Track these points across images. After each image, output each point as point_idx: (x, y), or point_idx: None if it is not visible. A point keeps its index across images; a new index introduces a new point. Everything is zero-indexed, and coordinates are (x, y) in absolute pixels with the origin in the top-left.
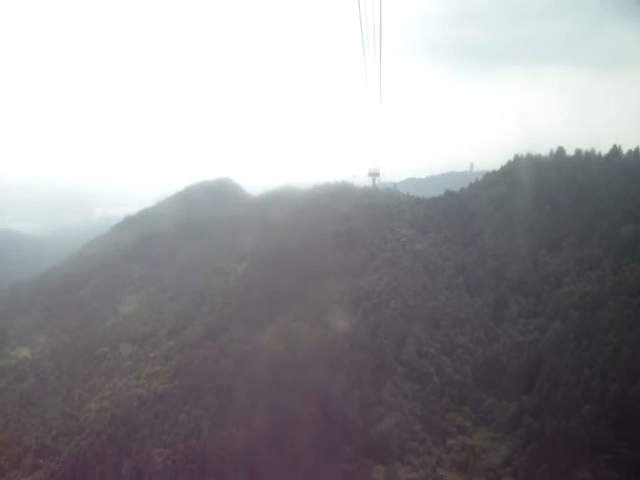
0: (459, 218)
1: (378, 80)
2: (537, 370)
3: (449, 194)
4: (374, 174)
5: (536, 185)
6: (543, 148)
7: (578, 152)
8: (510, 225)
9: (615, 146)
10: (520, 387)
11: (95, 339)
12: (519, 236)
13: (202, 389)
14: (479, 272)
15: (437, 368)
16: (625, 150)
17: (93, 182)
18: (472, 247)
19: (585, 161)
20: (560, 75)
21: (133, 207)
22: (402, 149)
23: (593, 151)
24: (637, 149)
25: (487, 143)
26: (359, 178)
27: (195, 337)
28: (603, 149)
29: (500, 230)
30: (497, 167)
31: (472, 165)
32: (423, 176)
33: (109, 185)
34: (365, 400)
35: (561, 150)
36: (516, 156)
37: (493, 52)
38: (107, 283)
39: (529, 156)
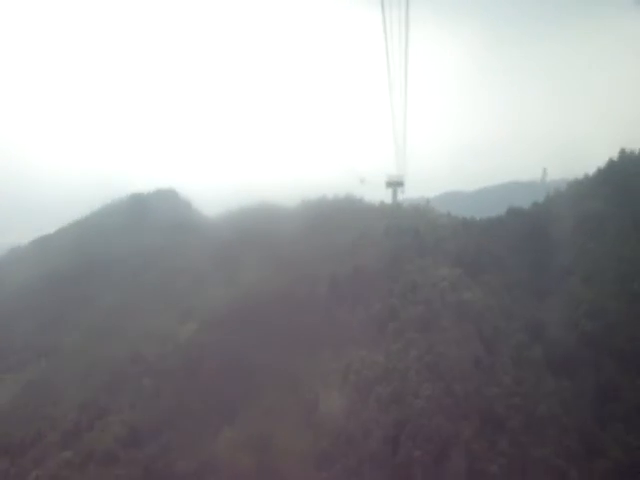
0: (531, 250)
1: (402, 43)
2: None
3: (514, 213)
4: (396, 184)
5: None
6: None
7: None
8: (614, 261)
9: None
10: None
11: None
12: (631, 279)
13: None
14: (567, 340)
15: None
16: None
17: None
18: (554, 298)
19: None
20: None
21: (26, 232)
22: (436, 149)
23: None
24: None
25: (564, 141)
26: (371, 187)
27: (106, 443)
28: None
29: (599, 269)
30: (581, 174)
31: (545, 172)
32: (470, 188)
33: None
34: None
35: None
36: (612, 160)
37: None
38: None
39: (634, 155)
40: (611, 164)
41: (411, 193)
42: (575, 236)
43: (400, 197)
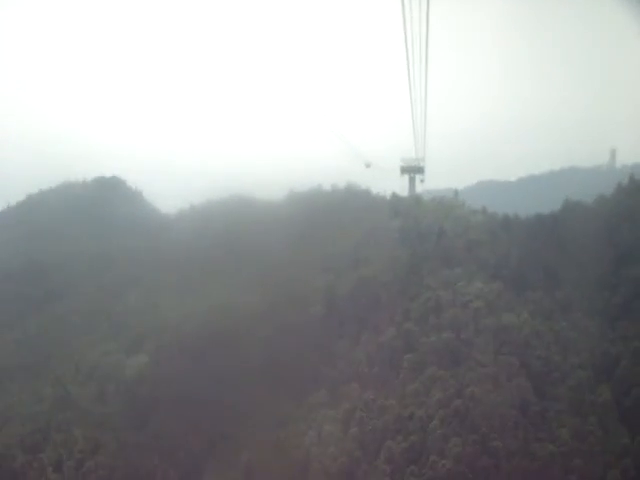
0: (596, 258)
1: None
2: None
3: (572, 208)
4: (413, 170)
5: None
6: None
7: None
8: None
9: None
10: None
11: None
12: None
13: None
14: None
15: None
16: None
17: None
18: (627, 323)
19: None
20: None
21: None
22: (465, 129)
23: None
24: None
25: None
26: (381, 174)
27: None
28: None
29: None
30: None
31: (614, 154)
32: (511, 176)
33: None
34: None
35: None
36: None
37: None
38: None
39: None
40: None
41: (434, 183)
42: None
43: (419, 188)
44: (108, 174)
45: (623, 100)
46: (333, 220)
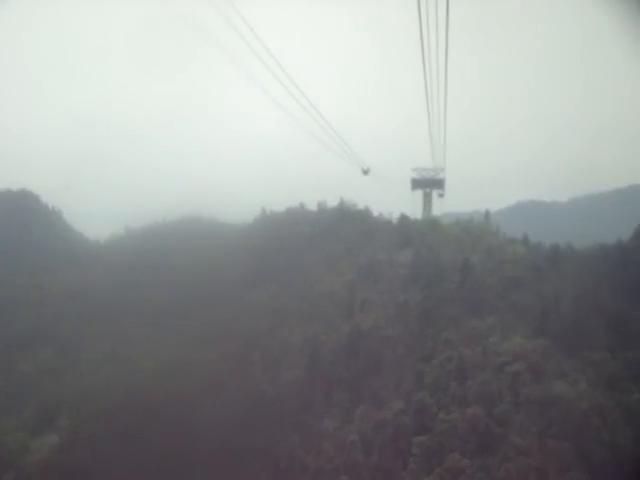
0: None
1: None
2: None
3: None
4: (428, 183)
5: None
6: None
7: None
8: None
9: None
10: None
11: None
12: None
13: None
14: None
15: None
16: None
17: None
18: None
19: None
20: None
21: None
22: (500, 142)
23: None
24: None
25: None
26: (386, 189)
27: None
28: None
29: None
30: None
31: None
32: (562, 197)
33: None
34: None
35: None
36: None
37: None
38: None
39: None
40: None
41: (458, 202)
42: None
43: (437, 207)
44: (15, 186)
45: None
46: (318, 249)
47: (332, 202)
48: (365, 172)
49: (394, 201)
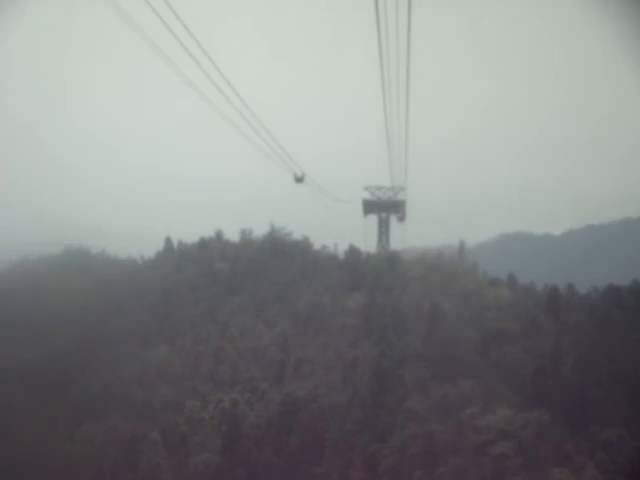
0: None
1: None
2: None
3: None
4: (385, 205)
5: None
6: None
7: None
8: None
9: None
10: None
11: None
12: None
13: None
14: None
15: None
16: None
17: None
18: None
19: None
20: None
21: None
22: (477, 157)
23: None
24: None
25: None
26: (329, 212)
27: None
28: None
29: None
30: None
31: None
32: (554, 229)
33: None
34: None
35: None
36: None
37: None
38: None
39: None
40: None
41: (425, 234)
42: None
43: (397, 237)
44: None
45: None
46: (240, 292)
47: (261, 230)
48: (299, 179)
49: (345, 230)
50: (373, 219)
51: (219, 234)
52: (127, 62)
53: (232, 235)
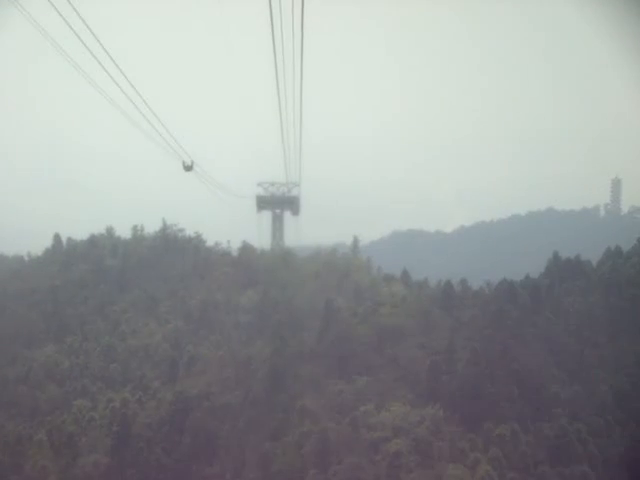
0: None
1: None
2: None
3: (563, 268)
4: (279, 201)
5: None
6: None
7: None
8: None
9: None
10: None
11: None
12: None
13: None
14: None
15: None
16: None
17: None
18: None
19: None
20: None
21: None
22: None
23: None
24: None
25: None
26: (220, 208)
27: None
28: None
29: None
30: None
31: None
32: (446, 226)
33: None
34: None
35: None
36: None
37: None
38: None
39: None
40: None
41: (319, 231)
42: None
43: (291, 237)
44: None
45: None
46: (131, 289)
47: (154, 227)
48: (188, 168)
49: (239, 226)
50: (267, 215)
51: (110, 230)
52: None
53: (124, 232)
